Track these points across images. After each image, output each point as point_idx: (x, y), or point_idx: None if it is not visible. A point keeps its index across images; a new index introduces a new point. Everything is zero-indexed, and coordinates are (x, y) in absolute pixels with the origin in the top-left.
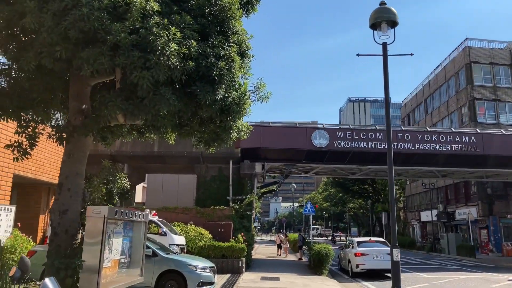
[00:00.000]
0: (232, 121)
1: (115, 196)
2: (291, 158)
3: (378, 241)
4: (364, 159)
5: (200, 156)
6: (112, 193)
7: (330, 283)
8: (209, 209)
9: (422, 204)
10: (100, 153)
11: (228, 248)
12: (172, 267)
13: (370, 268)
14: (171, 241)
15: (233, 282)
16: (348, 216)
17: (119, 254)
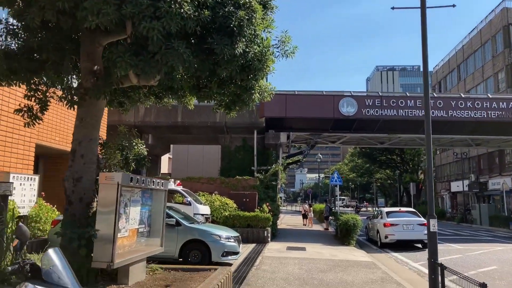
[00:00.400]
0: (254, 80)
1: (131, 163)
2: (317, 127)
3: (408, 211)
4: (393, 128)
5: (224, 126)
6: (128, 160)
7: (358, 253)
8: (234, 179)
9: (453, 174)
10: (124, 123)
11: (253, 218)
12: (196, 236)
13: (400, 238)
14: (196, 210)
15: (259, 252)
16: (374, 187)
17: (138, 224)
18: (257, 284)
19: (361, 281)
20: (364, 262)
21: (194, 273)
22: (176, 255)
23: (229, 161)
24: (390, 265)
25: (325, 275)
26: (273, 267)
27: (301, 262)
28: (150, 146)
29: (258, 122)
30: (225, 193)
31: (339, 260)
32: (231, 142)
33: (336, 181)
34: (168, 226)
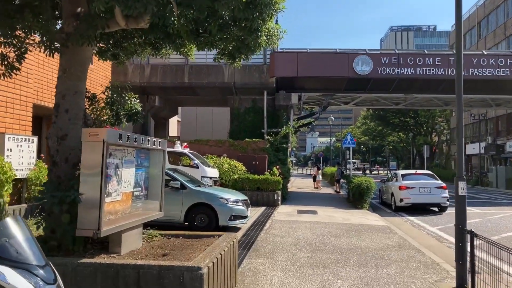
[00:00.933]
0: (260, 19)
1: (123, 118)
2: (330, 87)
3: (425, 173)
4: (410, 87)
5: (232, 86)
6: (119, 115)
7: (372, 217)
8: (243, 141)
9: (468, 137)
10: (129, 84)
11: (263, 181)
12: (202, 200)
13: (416, 202)
14: (204, 173)
15: (268, 215)
16: (387, 149)
17: (132, 187)
18: (266, 249)
19: (376, 246)
20: (379, 227)
21: (196, 240)
22: (182, 219)
23: (238, 123)
24: (406, 229)
25: (338, 240)
26: (283, 232)
27: (312, 226)
28: (157, 108)
29: (268, 82)
30: (234, 156)
31: (352, 224)
32: (240, 104)
33: (349, 143)
34: (172, 189)
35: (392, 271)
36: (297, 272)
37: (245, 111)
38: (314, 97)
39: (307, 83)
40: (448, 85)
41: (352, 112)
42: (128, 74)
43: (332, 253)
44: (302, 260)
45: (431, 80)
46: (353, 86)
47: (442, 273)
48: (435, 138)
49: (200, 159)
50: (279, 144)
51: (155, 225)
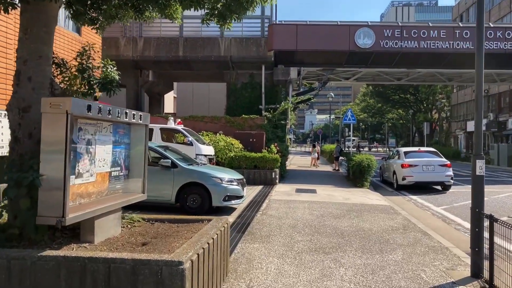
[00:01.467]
0: None
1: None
2: (330, 61)
3: (428, 151)
4: (414, 61)
5: (229, 60)
6: (91, 84)
7: (373, 196)
8: (240, 118)
9: (470, 113)
10: (122, 58)
11: (261, 159)
12: (194, 179)
13: (419, 180)
14: (198, 151)
15: (266, 195)
16: (386, 127)
17: (109, 166)
18: (262, 232)
19: (380, 229)
20: (381, 206)
21: (182, 225)
22: (173, 200)
23: (235, 99)
24: (410, 209)
25: (338, 221)
26: (281, 212)
27: (311, 206)
28: (151, 83)
29: (266, 56)
30: (230, 133)
31: (353, 204)
32: (237, 79)
33: (349, 119)
34: (162, 168)
35: (398, 257)
36: (295, 258)
37: (242, 87)
38: (313, 72)
39: (306, 57)
40: (453, 59)
41: (351, 89)
42: (120, 48)
43: (333, 236)
44: (300, 244)
45: (436, 54)
46: (354, 60)
47: (453, 260)
48: (435, 115)
49: (194, 136)
50: (277, 121)
51: (144, 207)
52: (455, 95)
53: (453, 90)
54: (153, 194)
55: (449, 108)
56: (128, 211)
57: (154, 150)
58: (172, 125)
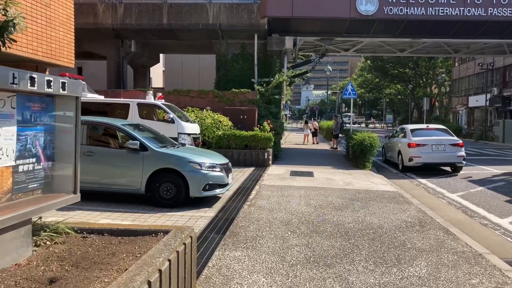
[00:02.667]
0: None
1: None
2: (329, 30)
3: (438, 128)
4: (420, 30)
5: (218, 29)
6: None
7: (377, 180)
8: (229, 92)
9: (472, 88)
10: (101, 26)
11: (252, 138)
12: (168, 165)
13: (428, 162)
14: (181, 129)
15: (256, 179)
16: (384, 102)
17: (12, 158)
18: (248, 233)
19: (391, 225)
20: (389, 194)
21: (127, 240)
22: (142, 189)
23: (226, 72)
24: (421, 197)
25: (341, 215)
26: (272, 203)
27: (308, 194)
28: (134, 54)
29: (259, 24)
30: (219, 109)
31: (355, 190)
32: (227, 50)
33: (349, 94)
34: (129, 151)
35: (422, 271)
36: (287, 275)
37: (233, 58)
38: (310, 43)
39: (303, 25)
40: (463, 27)
41: (348, 64)
42: (98, 15)
43: (335, 238)
44: (295, 251)
45: (444, 22)
46: (355, 29)
47: (495, 275)
48: (435, 90)
49: (177, 112)
50: (271, 95)
51: (114, 196)
52: (456, 69)
53: (455, 64)
54: (119, 182)
55: (449, 83)
56: (85, 204)
57: (119, 129)
58: (151, 100)
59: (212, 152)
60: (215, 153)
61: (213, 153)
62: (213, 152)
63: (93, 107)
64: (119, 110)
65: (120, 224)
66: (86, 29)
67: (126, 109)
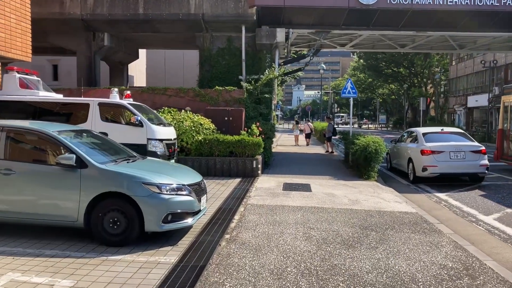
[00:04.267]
0: None
1: None
2: (325, 22)
3: (455, 132)
4: (425, 22)
5: (201, 19)
6: None
7: (388, 195)
8: (213, 90)
9: (470, 88)
10: (68, 16)
11: (238, 143)
12: (115, 187)
13: (445, 172)
14: (151, 134)
15: (241, 196)
16: (378, 102)
17: None
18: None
19: (429, 275)
20: (408, 217)
21: None
22: (80, 221)
23: (210, 68)
24: (449, 221)
25: (354, 257)
26: (260, 236)
27: (306, 220)
28: (108, 49)
29: (246, 14)
30: (201, 110)
31: (365, 212)
32: (212, 44)
33: (349, 92)
34: (62, 168)
35: None
36: None
37: (218, 53)
38: (304, 37)
39: (296, 15)
40: (473, 19)
41: (339, 64)
42: (65, 3)
43: None
44: None
45: (453, 12)
46: (354, 20)
47: None
48: (431, 89)
49: (148, 113)
50: (260, 94)
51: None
52: (454, 68)
53: (452, 62)
54: (49, 211)
55: (445, 82)
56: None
57: (50, 138)
58: (115, 99)
59: (182, 168)
60: (185, 168)
61: (183, 168)
62: (183, 167)
63: (46, 107)
64: (77, 111)
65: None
66: (52, 19)
67: (85, 110)
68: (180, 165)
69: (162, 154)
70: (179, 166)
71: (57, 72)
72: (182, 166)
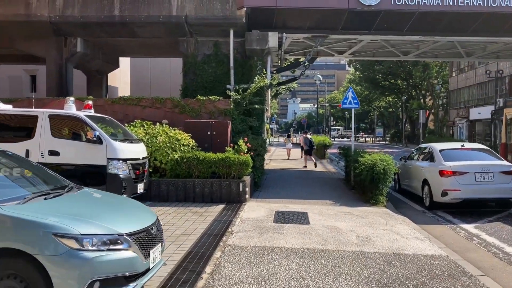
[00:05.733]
0: None
1: None
2: (322, 25)
3: (478, 149)
4: (433, 26)
5: (184, 22)
6: None
7: (405, 228)
8: (194, 100)
9: (472, 100)
10: (34, 19)
11: (221, 162)
12: (10, 242)
13: (470, 197)
14: (112, 152)
15: (221, 232)
16: (375, 115)
17: None
18: None
19: None
20: (439, 265)
21: None
22: None
23: (195, 77)
24: (495, 271)
25: None
26: None
27: (304, 272)
28: (82, 56)
29: (235, 16)
30: (181, 122)
31: (381, 256)
32: (197, 49)
33: (350, 103)
34: None
35: None
36: None
37: (204, 60)
38: (299, 43)
39: (290, 18)
40: (486, 22)
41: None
42: (31, 4)
43: None
44: None
45: (463, 15)
46: (355, 23)
47: None
48: (430, 102)
49: (114, 128)
50: (249, 105)
51: None
52: (454, 79)
53: (452, 73)
54: None
55: (444, 95)
56: None
57: None
58: (70, 110)
59: (128, 205)
60: (134, 206)
61: (130, 206)
62: (132, 204)
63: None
64: (23, 125)
65: None
66: (17, 22)
67: (32, 123)
68: (129, 201)
69: (126, 178)
70: (126, 203)
71: (35, 82)
72: (131, 202)
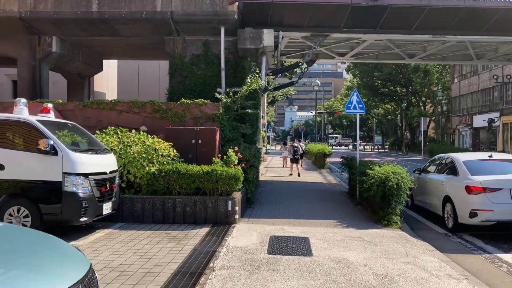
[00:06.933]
0: None
1: None
2: (323, 23)
3: (509, 160)
4: (443, 24)
5: (170, 19)
6: None
7: (429, 259)
8: (177, 104)
9: (476, 107)
10: (3, 14)
11: (207, 176)
12: None
13: (506, 219)
14: (69, 166)
15: (199, 269)
16: (374, 123)
17: None
18: None
19: None
20: None
21: None
22: None
23: (182, 78)
24: None
25: None
26: None
27: None
28: (58, 56)
29: (226, 12)
30: (161, 129)
31: None
32: (184, 49)
33: (355, 107)
34: None
35: None
36: None
37: (193, 61)
38: (297, 43)
39: (287, 14)
40: (502, 20)
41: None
42: None
43: None
44: None
45: (478, 11)
46: (359, 21)
47: None
48: (430, 109)
49: (78, 135)
50: (241, 109)
51: None
52: (456, 85)
53: (454, 80)
54: None
55: (446, 102)
56: None
57: None
58: (19, 115)
59: (51, 249)
60: (59, 249)
61: (52, 250)
62: (54, 246)
63: None
64: None
65: None
66: None
67: None
68: (50, 243)
69: (88, 197)
70: (41, 248)
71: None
72: (52, 245)
